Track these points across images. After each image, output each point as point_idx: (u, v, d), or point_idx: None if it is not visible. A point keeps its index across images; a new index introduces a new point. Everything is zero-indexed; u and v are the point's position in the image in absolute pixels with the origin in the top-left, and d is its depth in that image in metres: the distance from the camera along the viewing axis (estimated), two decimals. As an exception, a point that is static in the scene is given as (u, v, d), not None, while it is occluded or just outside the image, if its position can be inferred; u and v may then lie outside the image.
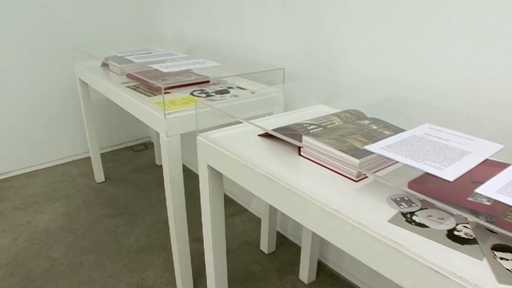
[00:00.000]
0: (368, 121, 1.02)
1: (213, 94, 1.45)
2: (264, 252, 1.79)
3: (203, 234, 1.20)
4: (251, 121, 1.19)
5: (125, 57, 1.89)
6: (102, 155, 2.83)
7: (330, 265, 1.69)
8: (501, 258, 0.64)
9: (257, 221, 2.03)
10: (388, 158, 0.79)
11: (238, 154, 0.97)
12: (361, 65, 1.33)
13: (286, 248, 1.82)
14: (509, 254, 0.66)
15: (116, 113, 2.85)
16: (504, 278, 0.60)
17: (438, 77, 1.12)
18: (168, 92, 1.49)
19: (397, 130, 0.95)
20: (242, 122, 1.16)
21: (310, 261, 1.57)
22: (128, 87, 1.58)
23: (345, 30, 1.34)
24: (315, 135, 0.92)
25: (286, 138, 0.88)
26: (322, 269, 1.69)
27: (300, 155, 0.96)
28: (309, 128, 0.97)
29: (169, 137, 1.27)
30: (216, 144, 1.03)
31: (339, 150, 0.85)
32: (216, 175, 1.11)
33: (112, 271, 1.66)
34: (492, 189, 0.65)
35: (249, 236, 1.90)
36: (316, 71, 1.48)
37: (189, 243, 1.51)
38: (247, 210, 2.13)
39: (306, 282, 1.61)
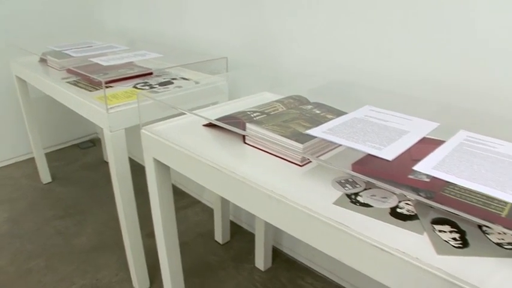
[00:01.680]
0: (311, 106, 1.03)
1: (156, 86, 1.42)
2: (218, 243, 1.79)
3: (154, 229, 1.19)
4: (195, 111, 1.18)
5: (63, 51, 1.83)
6: (47, 154, 2.73)
7: (285, 251, 1.71)
8: (440, 231, 0.67)
9: (210, 211, 2.02)
10: (329, 142, 0.80)
11: (183, 146, 0.96)
12: (304, 51, 1.33)
13: (241, 237, 1.82)
14: (447, 226, 0.68)
15: (59, 110, 2.75)
16: (442, 249, 0.62)
17: (378, 60, 1.15)
18: (110, 86, 1.45)
19: (339, 113, 0.96)
20: (186, 113, 1.15)
21: (265, 248, 1.58)
22: (68, 82, 1.53)
23: (287, 17, 1.34)
24: (259, 123, 0.92)
25: (230, 127, 0.88)
26: (277, 255, 1.70)
27: (245, 143, 0.95)
28: (252, 115, 0.96)
29: (113, 132, 1.24)
30: (160, 136, 1.02)
31: (282, 136, 0.85)
32: (163, 168, 1.09)
33: (64, 274, 1.62)
34: (428, 166, 0.67)
35: (203, 228, 1.90)
36: (260, 58, 1.48)
37: (143, 238, 1.49)
38: (199, 201, 2.12)
39: (262, 269, 1.62)
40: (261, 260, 1.61)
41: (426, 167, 0.67)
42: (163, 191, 1.13)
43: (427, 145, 0.76)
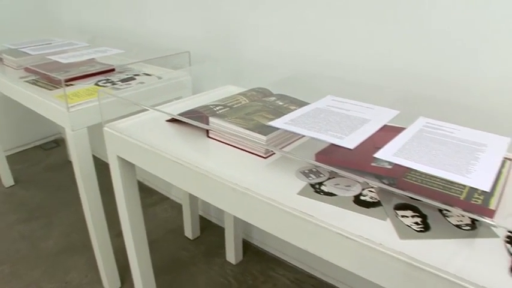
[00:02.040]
0: (274, 98, 1.03)
1: (119, 83, 1.40)
2: (189, 238, 1.78)
3: (122, 228, 1.17)
4: (158, 107, 1.16)
5: (20, 49, 1.77)
6: (8, 157, 2.65)
7: (256, 243, 1.72)
8: (402, 216, 0.68)
9: (179, 207, 2.01)
10: (291, 132, 0.80)
11: (146, 142, 0.94)
12: (267, 43, 1.33)
13: (211, 232, 1.82)
14: (409, 211, 0.69)
15: (20, 111, 2.67)
16: (405, 234, 0.64)
17: (340, 50, 1.16)
18: (71, 84, 1.42)
19: (302, 104, 0.97)
20: (148, 110, 1.13)
21: (235, 241, 1.58)
22: (27, 82, 1.48)
23: (249, 9, 1.34)
24: (222, 116, 0.91)
25: (193, 121, 0.87)
26: (248, 247, 1.71)
27: (208, 137, 0.95)
28: (215, 109, 0.96)
29: (76, 131, 1.21)
30: (123, 134, 1.00)
31: (245, 128, 0.85)
32: (128, 166, 1.08)
33: (31, 279, 1.58)
34: (389, 153, 0.68)
35: (172, 224, 1.88)
36: (223, 51, 1.48)
37: (112, 238, 1.46)
38: (168, 198, 2.10)
39: (233, 262, 1.62)
40: (232, 253, 1.61)
41: (387, 154, 0.68)
42: (129, 189, 1.11)
43: (388, 133, 0.77)
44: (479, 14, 0.92)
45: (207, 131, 0.96)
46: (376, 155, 0.68)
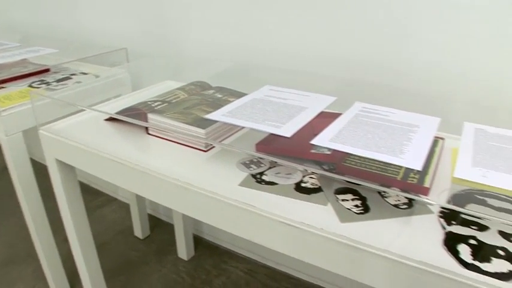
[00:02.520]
0: (213, 90, 1.03)
1: (54, 83, 1.35)
2: (139, 238, 1.75)
3: (67, 233, 1.13)
4: (96, 106, 1.13)
5: None
6: None
7: (207, 237, 1.71)
8: (342, 200, 0.69)
9: (127, 207, 1.97)
10: (229, 124, 0.80)
11: (85, 143, 0.91)
12: (204, 37, 1.32)
13: (161, 229, 1.79)
14: (349, 195, 0.71)
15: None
16: (345, 217, 0.65)
17: (279, 39, 1.16)
18: (2, 87, 1.35)
19: (241, 96, 0.96)
20: (85, 110, 1.10)
21: (185, 237, 1.56)
22: (-47, 87, 1.40)
23: (184, 4, 1.32)
24: (160, 112, 0.90)
25: (131, 119, 0.85)
26: (199, 242, 1.69)
27: (148, 133, 0.93)
28: (153, 105, 0.94)
29: (10, 136, 1.16)
30: (60, 136, 0.97)
31: (184, 123, 0.84)
32: (67, 168, 1.04)
33: (-28, 293, 1.51)
34: (325, 139, 0.69)
35: (121, 225, 1.84)
36: (161, 47, 1.45)
37: (59, 244, 1.42)
38: (115, 198, 2.05)
39: (185, 258, 1.61)
40: (183, 249, 1.59)
41: (323, 140, 0.69)
42: (71, 192, 1.08)
43: (325, 119, 0.78)
44: (408, 1, 0.95)
45: (147, 128, 0.94)
46: (313, 142, 0.68)
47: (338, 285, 1.43)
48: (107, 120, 1.04)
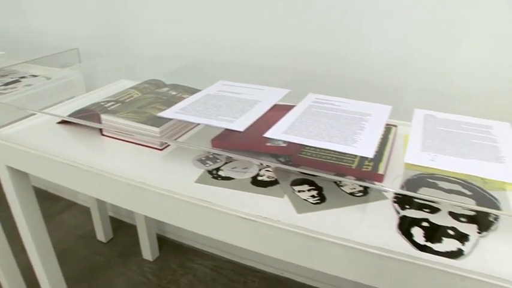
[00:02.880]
0: (167, 88, 1.01)
1: (2, 87, 1.30)
2: (102, 242, 1.71)
3: (24, 243, 1.10)
4: (49, 109, 1.10)
5: None
6: None
7: (171, 236, 1.69)
8: (299, 191, 0.70)
9: (88, 211, 1.92)
10: (182, 121, 0.79)
11: (37, 148, 0.89)
12: (159, 33, 1.30)
13: (124, 231, 1.76)
14: (305, 185, 0.71)
15: None
16: (302, 208, 0.65)
17: (231, 34, 1.16)
18: None
19: (195, 92, 0.96)
20: (36, 113, 1.07)
21: (149, 238, 1.55)
22: None
23: (135, 2, 1.30)
24: (113, 112, 0.88)
25: (83, 121, 0.84)
26: (164, 242, 1.68)
27: (102, 135, 0.91)
28: (106, 105, 0.92)
29: (-45, 145, 1.12)
30: (10, 141, 0.93)
31: (138, 122, 0.83)
32: (20, 175, 1.01)
33: None
34: (278, 131, 0.69)
35: (82, 229, 1.80)
36: (114, 46, 1.43)
37: (17, 255, 1.37)
38: (75, 203, 2.00)
39: (150, 259, 1.59)
40: (148, 250, 1.57)
41: (276, 132, 0.69)
42: (25, 199, 1.04)
43: (279, 112, 0.78)
44: (355, -11, 0.97)
45: (101, 129, 0.92)
46: (266, 135, 0.68)
47: (303, 275, 1.44)
48: (59, 123, 1.01)
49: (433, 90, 1.01)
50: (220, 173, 0.75)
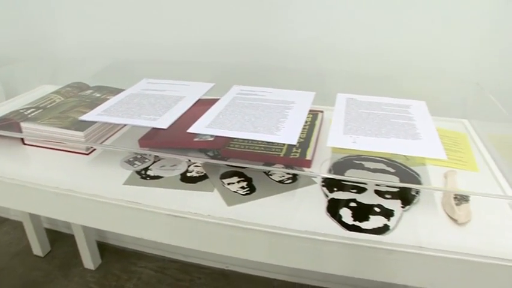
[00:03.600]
0: (91, 90, 0.99)
1: None
2: (39, 256, 1.64)
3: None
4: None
5: None
6: None
7: (112, 242, 1.65)
8: (228, 184, 0.70)
9: (21, 226, 1.84)
10: (105, 123, 0.77)
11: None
12: (80, 36, 1.26)
13: (62, 242, 1.70)
14: (235, 178, 0.72)
15: None
16: (232, 200, 0.66)
17: (154, 31, 1.14)
18: None
19: (120, 92, 0.93)
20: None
21: (89, 246, 1.50)
22: None
23: (54, 4, 1.25)
24: (34, 119, 0.84)
25: (1, 131, 0.80)
26: (105, 249, 1.63)
27: (24, 144, 0.87)
28: (26, 113, 0.88)
29: None
30: None
31: (61, 127, 0.80)
32: None
33: None
34: (202, 126, 0.69)
35: (17, 246, 1.72)
36: (33, 50, 1.37)
37: None
38: (7, 219, 1.91)
39: (92, 268, 1.55)
40: (89, 259, 1.53)
41: (200, 126, 0.69)
42: None
43: (203, 106, 0.78)
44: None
45: (22, 138, 0.88)
46: (190, 130, 0.68)
47: (247, 266, 1.45)
48: (-24, 135, 0.96)
49: (357, 74, 1.04)
50: (149, 172, 0.74)
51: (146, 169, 0.74)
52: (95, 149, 0.82)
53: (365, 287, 1.40)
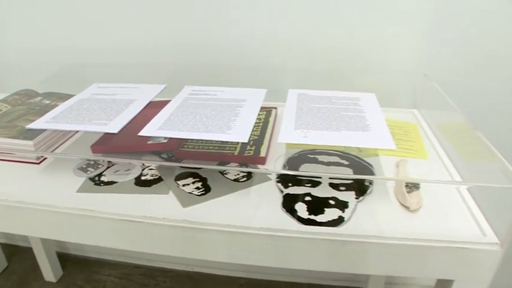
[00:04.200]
0: (40, 97, 0.96)
1: None
2: (-5, 274, 1.59)
3: None
4: None
5: None
6: None
7: (73, 252, 1.61)
8: (184, 185, 0.69)
9: (-25, 243, 1.78)
10: (54, 130, 0.76)
11: None
12: (28, 41, 1.22)
13: (20, 257, 1.64)
14: (190, 179, 0.71)
15: None
16: (187, 201, 0.65)
17: (103, 36, 1.12)
18: None
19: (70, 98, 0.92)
20: None
21: (48, 258, 1.46)
22: None
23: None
24: (-20, 130, 0.82)
25: None
26: (66, 259, 1.58)
27: (-28, 156, 0.84)
28: (-30, 124, 0.85)
29: None
30: None
31: (9, 137, 0.77)
32: None
33: None
34: (153, 128, 0.68)
35: (-28, 263, 1.66)
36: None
37: None
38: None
39: (54, 280, 1.50)
40: (49, 271, 1.49)
41: (151, 129, 0.68)
42: None
43: (155, 108, 0.77)
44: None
45: (-31, 150, 0.85)
46: (141, 133, 0.67)
47: (211, 266, 1.45)
48: None
49: (310, 69, 1.05)
50: (102, 178, 0.72)
51: (100, 175, 0.73)
52: (46, 158, 0.80)
53: (332, 279, 1.42)
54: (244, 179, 0.71)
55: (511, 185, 0.54)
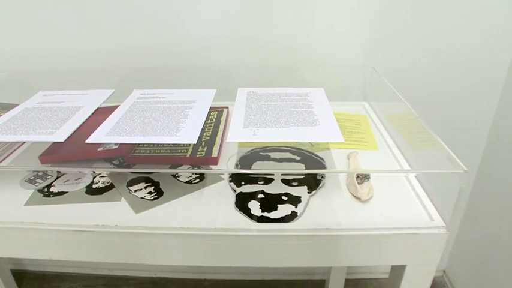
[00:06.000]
0: (-17, 109, 0.93)
1: None
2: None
3: None
4: None
5: None
6: None
7: (30, 268, 1.53)
8: (136, 191, 0.69)
9: None
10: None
11: None
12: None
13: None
14: (142, 184, 0.70)
15: None
16: (139, 207, 0.65)
17: (49, 43, 1.09)
18: None
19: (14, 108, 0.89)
20: None
21: (2, 277, 1.37)
22: None
23: None
24: None
25: None
26: (22, 277, 1.52)
27: None
28: None
29: None
30: None
31: (-51, 153, 0.75)
32: None
33: None
34: (101, 134, 0.67)
35: None
36: None
37: None
38: None
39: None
40: (5, 290, 1.44)
41: (99, 135, 0.67)
42: None
43: (103, 114, 0.75)
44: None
45: None
46: (88, 140, 0.66)
47: (174, 270, 1.44)
48: None
49: (260, 67, 1.06)
50: (52, 189, 0.71)
51: (49, 186, 0.71)
52: (-10, 172, 0.77)
53: (295, 273, 1.44)
54: (197, 180, 0.71)
55: (454, 170, 0.56)
